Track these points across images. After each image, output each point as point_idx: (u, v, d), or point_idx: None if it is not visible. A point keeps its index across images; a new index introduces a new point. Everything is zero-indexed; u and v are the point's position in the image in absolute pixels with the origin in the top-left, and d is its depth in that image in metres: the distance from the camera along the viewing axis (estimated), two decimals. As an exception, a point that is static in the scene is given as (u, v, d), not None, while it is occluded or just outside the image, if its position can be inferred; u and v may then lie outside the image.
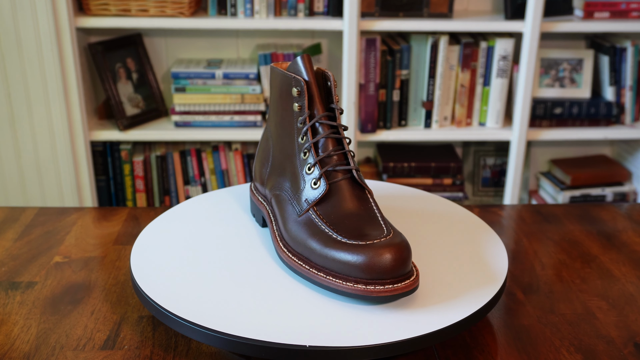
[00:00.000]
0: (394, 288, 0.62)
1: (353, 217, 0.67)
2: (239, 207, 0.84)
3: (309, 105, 0.71)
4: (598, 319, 0.72)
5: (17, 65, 1.82)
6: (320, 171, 0.69)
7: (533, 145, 2.22)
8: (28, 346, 0.66)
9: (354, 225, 0.66)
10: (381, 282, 0.62)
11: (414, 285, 0.63)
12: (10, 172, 1.93)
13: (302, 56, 0.72)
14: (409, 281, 0.63)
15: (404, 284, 0.62)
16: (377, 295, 0.62)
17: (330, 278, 0.64)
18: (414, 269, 0.65)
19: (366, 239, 0.64)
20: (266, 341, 0.59)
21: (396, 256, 0.62)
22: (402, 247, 0.63)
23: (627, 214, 0.99)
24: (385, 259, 0.62)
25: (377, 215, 0.68)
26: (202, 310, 0.63)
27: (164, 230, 0.78)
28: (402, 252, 0.62)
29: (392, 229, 0.66)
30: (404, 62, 1.98)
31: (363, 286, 0.62)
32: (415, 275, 0.64)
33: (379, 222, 0.67)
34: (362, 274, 0.62)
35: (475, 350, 0.66)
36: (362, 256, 0.62)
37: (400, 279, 0.62)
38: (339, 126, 0.71)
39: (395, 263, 0.62)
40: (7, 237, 0.88)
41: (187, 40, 2.09)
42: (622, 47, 2.02)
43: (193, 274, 0.69)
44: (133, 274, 0.69)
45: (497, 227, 0.93)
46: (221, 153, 2.07)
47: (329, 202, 0.69)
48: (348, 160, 0.71)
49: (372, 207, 0.69)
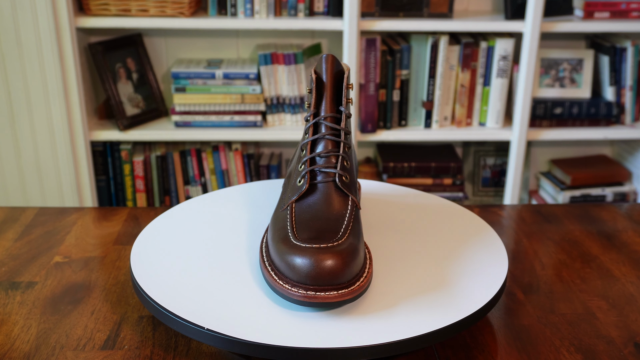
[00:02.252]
0: (317, 296, 0.61)
1: (321, 220, 0.66)
2: (240, 207, 0.84)
3: (316, 104, 0.72)
4: (598, 319, 0.72)
5: (17, 65, 1.82)
6: (307, 169, 0.70)
7: (533, 145, 2.22)
8: (28, 346, 0.66)
9: (316, 227, 0.65)
10: (306, 286, 0.61)
11: (348, 295, 0.61)
12: (10, 172, 1.93)
13: (325, 55, 0.73)
14: (346, 290, 0.61)
15: (338, 293, 0.61)
16: (299, 300, 0.61)
17: (275, 277, 0.64)
18: (364, 275, 0.64)
19: (313, 243, 0.63)
20: (266, 342, 0.59)
21: (322, 263, 0.61)
22: (332, 254, 0.61)
23: (627, 214, 0.99)
24: (317, 264, 0.61)
25: (345, 221, 0.66)
26: (202, 311, 0.63)
27: (164, 230, 0.78)
28: (328, 260, 0.61)
29: (349, 235, 0.64)
30: (404, 62, 1.98)
31: (303, 291, 0.61)
32: (355, 285, 0.62)
33: (339, 228, 0.65)
34: (294, 276, 0.62)
35: (475, 350, 0.66)
36: (297, 258, 0.61)
37: (340, 286, 0.61)
38: (341, 129, 0.71)
39: (320, 270, 0.61)
40: (7, 237, 0.88)
41: (187, 40, 2.09)
42: (622, 47, 2.02)
43: (193, 274, 0.69)
44: (133, 274, 0.69)
45: (497, 227, 0.93)
46: (221, 153, 2.07)
47: (307, 201, 0.69)
48: (337, 163, 0.70)
49: (345, 213, 0.67)
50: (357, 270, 0.63)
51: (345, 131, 0.71)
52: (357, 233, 0.66)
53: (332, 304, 0.61)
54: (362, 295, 0.64)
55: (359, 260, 0.64)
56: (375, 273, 0.70)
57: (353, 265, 0.62)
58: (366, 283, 0.64)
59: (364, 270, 0.65)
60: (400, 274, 0.70)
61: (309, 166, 0.70)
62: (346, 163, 0.70)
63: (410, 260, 0.73)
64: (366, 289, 0.64)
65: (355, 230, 0.66)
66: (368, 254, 0.69)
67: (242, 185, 0.91)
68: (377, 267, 0.71)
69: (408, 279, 0.69)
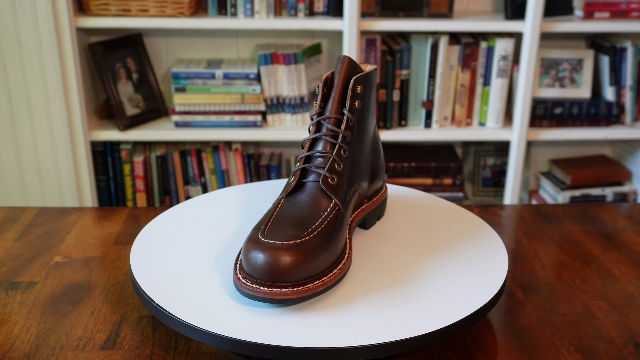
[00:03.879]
0: (260, 290, 0.62)
1: (298, 218, 0.67)
2: (239, 207, 0.84)
3: (322, 103, 0.72)
4: (598, 319, 0.72)
5: (17, 65, 1.82)
6: (299, 167, 0.71)
7: (533, 145, 2.22)
8: (28, 346, 0.66)
9: (289, 224, 0.66)
10: (260, 281, 0.62)
11: (294, 295, 0.62)
12: (10, 172, 1.93)
13: (342, 56, 0.73)
14: (300, 289, 0.62)
15: (281, 291, 0.62)
16: (249, 294, 0.62)
17: (238, 271, 0.65)
18: (327, 275, 0.65)
19: (276, 239, 0.64)
20: (266, 342, 0.59)
21: (264, 259, 0.62)
22: (275, 251, 0.62)
23: (627, 214, 0.99)
24: (258, 260, 0.62)
25: (318, 222, 0.67)
26: (202, 311, 0.63)
27: (164, 230, 0.78)
28: (274, 257, 0.62)
29: (315, 236, 0.65)
30: (404, 62, 1.98)
31: (251, 284, 0.63)
32: (306, 285, 0.63)
33: (308, 228, 0.66)
34: (249, 269, 0.63)
35: (475, 350, 0.66)
36: (254, 253, 0.63)
37: (295, 283, 0.62)
38: (340, 132, 0.71)
39: (265, 266, 0.62)
40: (7, 237, 0.88)
41: (187, 40, 2.09)
42: (622, 47, 2.02)
43: (193, 273, 0.69)
44: (133, 274, 0.69)
45: (497, 227, 0.93)
46: (221, 153, 2.07)
47: (294, 199, 0.70)
48: (327, 165, 0.70)
49: (321, 214, 0.68)
50: (315, 271, 0.64)
51: (343, 134, 0.71)
52: (326, 235, 0.66)
53: (280, 300, 0.62)
54: (319, 294, 0.64)
55: (318, 261, 0.64)
56: (375, 273, 0.70)
57: (307, 264, 0.63)
58: (322, 284, 0.64)
59: (328, 271, 0.65)
60: (400, 274, 0.70)
61: (302, 164, 0.71)
62: (337, 165, 0.70)
63: (410, 260, 0.73)
64: (323, 290, 0.64)
65: (326, 232, 0.66)
66: (346, 256, 0.68)
67: (242, 186, 0.91)
68: (378, 267, 0.71)
69: (408, 279, 0.69)
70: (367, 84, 0.74)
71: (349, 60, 0.73)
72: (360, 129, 0.74)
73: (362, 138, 0.74)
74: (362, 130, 0.74)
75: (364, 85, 0.73)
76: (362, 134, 0.74)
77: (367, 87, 0.74)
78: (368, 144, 0.76)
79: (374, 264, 0.72)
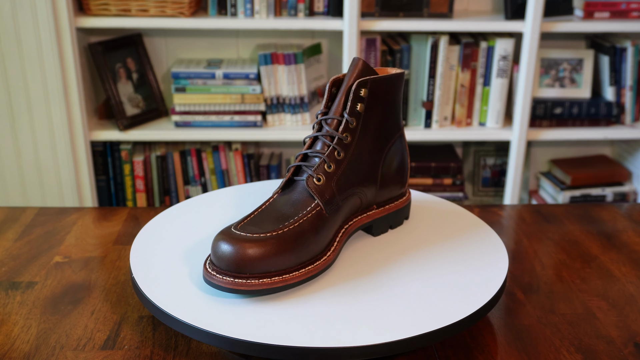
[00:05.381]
0: (226, 281, 0.63)
1: (279, 214, 0.68)
2: (239, 207, 0.84)
3: (328, 103, 0.73)
4: (598, 319, 0.72)
5: (17, 65, 1.82)
6: (294, 164, 0.72)
7: (533, 145, 2.22)
8: (28, 346, 0.66)
9: (269, 220, 0.67)
10: (224, 272, 0.64)
11: (240, 286, 0.63)
12: (10, 172, 1.93)
13: (356, 58, 0.73)
14: (253, 282, 0.63)
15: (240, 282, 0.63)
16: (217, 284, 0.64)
17: (207, 263, 0.67)
18: (293, 272, 0.65)
19: (247, 232, 0.65)
20: (266, 341, 0.59)
21: (227, 250, 0.63)
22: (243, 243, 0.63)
23: (627, 214, 0.99)
24: (221, 250, 0.64)
25: (293, 219, 0.67)
26: (202, 310, 0.63)
27: (163, 230, 0.78)
28: (238, 249, 0.63)
29: (285, 233, 0.65)
30: (404, 62, 1.98)
31: (218, 275, 0.64)
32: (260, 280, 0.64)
33: (281, 224, 0.67)
34: (214, 259, 0.65)
35: (475, 350, 0.66)
36: (220, 244, 0.64)
37: (248, 275, 0.64)
38: (336, 134, 0.71)
39: (228, 257, 0.63)
40: (7, 237, 0.88)
41: (187, 40, 2.09)
42: (622, 47, 2.02)
43: (192, 273, 0.69)
44: (133, 274, 0.69)
45: (497, 227, 0.93)
46: (221, 153, 2.07)
47: (285, 194, 0.71)
48: (316, 165, 0.70)
49: (300, 213, 0.68)
50: (279, 266, 0.64)
51: (339, 136, 0.71)
52: (299, 233, 0.66)
53: (237, 291, 0.64)
54: (278, 290, 0.65)
55: (283, 257, 0.64)
56: (375, 273, 0.70)
57: (268, 259, 0.64)
58: (280, 282, 0.65)
59: (294, 269, 0.66)
60: (400, 274, 0.70)
61: (298, 161, 0.72)
62: (327, 167, 0.70)
63: (410, 260, 0.73)
64: (283, 287, 0.65)
65: (299, 230, 0.66)
66: (325, 257, 0.68)
67: (242, 185, 0.91)
68: (377, 267, 0.71)
69: (408, 278, 0.69)
70: (379, 88, 0.72)
71: (361, 63, 0.72)
72: (365, 132, 0.73)
73: (366, 142, 0.73)
74: (368, 134, 0.73)
75: (372, 89, 0.72)
76: (368, 137, 0.73)
77: (377, 91, 0.72)
78: (378, 148, 0.75)
79: (373, 264, 0.72)
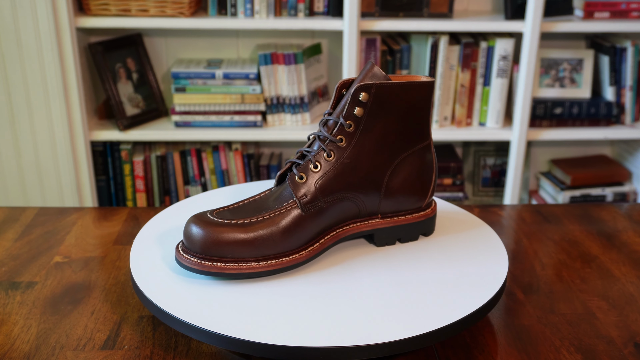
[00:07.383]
0: (199, 263, 0.66)
1: (261, 205, 0.71)
2: (239, 207, 0.84)
3: (334, 104, 0.73)
4: (598, 319, 0.72)
5: (17, 65, 1.82)
6: (290, 160, 0.73)
7: (533, 145, 2.22)
8: (28, 346, 0.66)
9: (250, 209, 0.70)
10: (196, 254, 0.67)
11: (204, 267, 0.66)
12: (10, 172, 1.93)
13: (370, 62, 0.73)
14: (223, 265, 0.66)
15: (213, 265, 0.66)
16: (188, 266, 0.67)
17: (179, 246, 0.70)
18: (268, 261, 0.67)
19: (222, 218, 0.68)
20: (266, 341, 0.59)
21: (199, 232, 0.66)
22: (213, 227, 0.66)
23: (627, 214, 0.99)
24: (188, 232, 0.67)
25: (268, 210, 0.69)
26: (202, 310, 0.63)
27: (163, 230, 0.78)
28: (207, 232, 0.66)
29: (258, 223, 0.67)
30: (404, 62, 1.98)
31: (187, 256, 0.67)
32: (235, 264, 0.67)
33: (257, 214, 0.69)
34: (186, 241, 0.68)
35: (475, 350, 0.66)
36: (185, 226, 0.68)
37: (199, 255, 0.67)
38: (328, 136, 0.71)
39: (199, 238, 0.66)
40: (7, 237, 0.88)
41: (187, 40, 2.09)
42: (622, 47, 2.02)
43: (192, 273, 0.69)
44: (133, 273, 0.69)
45: (497, 227, 0.93)
46: (221, 153, 2.07)
47: (277, 189, 0.73)
48: (301, 163, 0.71)
49: (275, 206, 0.70)
50: (232, 254, 0.66)
51: (331, 138, 0.71)
52: (263, 226, 0.67)
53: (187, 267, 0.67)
54: (225, 277, 0.67)
55: (235, 245, 0.66)
56: (375, 273, 0.70)
57: (221, 245, 0.66)
58: (236, 268, 0.67)
59: (248, 261, 0.67)
60: (400, 274, 0.70)
61: (296, 158, 0.73)
62: (314, 167, 0.71)
63: (410, 260, 0.73)
64: (245, 275, 0.67)
65: (267, 224, 0.68)
66: (288, 258, 0.69)
67: (242, 185, 0.91)
68: (377, 267, 0.71)
69: (408, 278, 0.69)
70: (388, 94, 0.71)
71: (372, 68, 0.71)
72: (367, 138, 0.71)
73: (368, 148, 0.71)
74: (370, 140, 0.71)
75: (377, 94, 0.70)
76: (369, 144, 0.71)
77: (385, 98, 0.70)
78: (385, 157, 0.73)
79: (373, 264, 0.72)
